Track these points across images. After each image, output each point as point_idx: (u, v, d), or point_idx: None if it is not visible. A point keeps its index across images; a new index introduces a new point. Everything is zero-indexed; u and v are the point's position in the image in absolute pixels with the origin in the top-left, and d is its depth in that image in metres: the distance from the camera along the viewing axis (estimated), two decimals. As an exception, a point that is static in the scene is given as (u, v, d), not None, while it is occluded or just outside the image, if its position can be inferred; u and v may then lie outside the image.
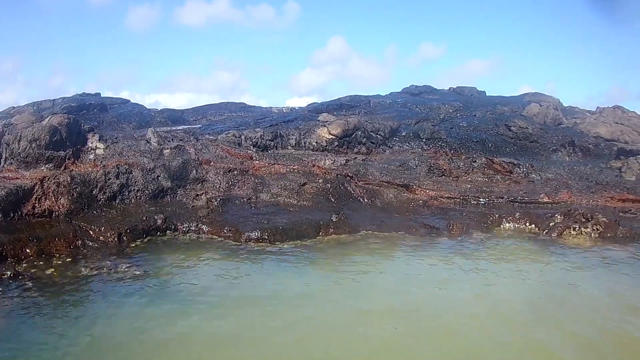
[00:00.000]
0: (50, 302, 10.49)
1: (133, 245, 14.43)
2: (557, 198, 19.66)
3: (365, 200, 19.17)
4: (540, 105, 29.95)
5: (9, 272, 11.47)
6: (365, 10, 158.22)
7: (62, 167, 16.64)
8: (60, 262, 12.74)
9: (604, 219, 16.93)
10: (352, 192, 19.29)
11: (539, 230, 17.11)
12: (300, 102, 33.17)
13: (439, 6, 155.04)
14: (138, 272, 12.27)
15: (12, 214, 14.21)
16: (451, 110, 29.50)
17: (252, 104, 34.37)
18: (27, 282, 11.35)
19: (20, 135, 16.68)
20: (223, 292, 11.42)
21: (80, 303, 10.62)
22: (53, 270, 12.19)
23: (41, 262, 12.55)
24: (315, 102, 31.31)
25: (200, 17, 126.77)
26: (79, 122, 18.59)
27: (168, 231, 15.63)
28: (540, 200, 19.45)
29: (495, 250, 14.97)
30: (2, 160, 16.77)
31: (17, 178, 15.46)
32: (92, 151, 18.06)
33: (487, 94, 34.67)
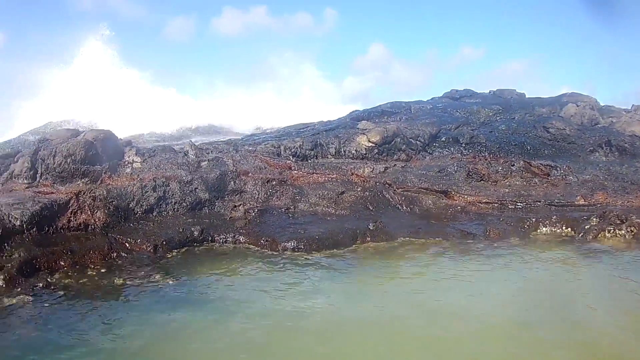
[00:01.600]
0: (81, 311, 10.41)
1: (169, 256, 14.29)
2: (593, 200, 19.01)
3: (404, 207, 18.75)
4: (577, 106, 29.19)
5: (41, 283, 11.46)
6: (403, 15, 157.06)
7: (99, 182, 16.66)
8: (94, 273, 12.65)
9: (638, 220, 16.36)
10: (391, 199, 18.92)
11: (574, 233, 16.62)
12: (344, 109, 33.06)
13: (477, 7, 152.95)
14: (172, 282, 12.14)
15: (46, 228, 14.18)
16: (491, 114, 28.94)
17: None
18: (59, 292, 11.32)
19: (55, 151, 16.77)
20: (256, 300, 11.23)
21: (112, 311, 10.51)
22: (86, 280, 12.14)
23: (75, 274, 12.48)
24: (357, 110, 31.03)
25: (238, 26, 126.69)
26: (115, 136, 18.64)
27: (205, 242, 15.45)
28: (576, 202, 18.85)
29: (530, 255, 14.60)
30: (38, 175, 16.86)
31: (52, 193, 15.51)
32: (129, 165, 18.06)
33: (526, 96, 34.06)
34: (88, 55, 37.23)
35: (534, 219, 17.37)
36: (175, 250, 14.68)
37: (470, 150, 23.78)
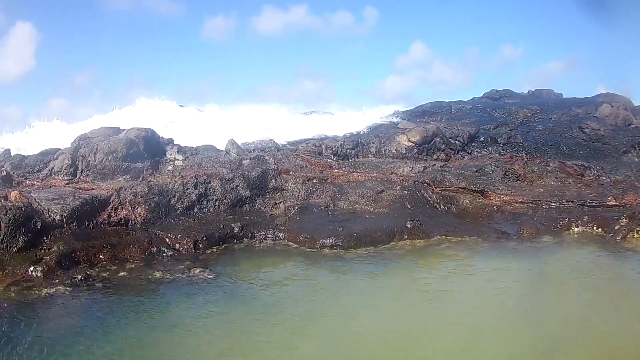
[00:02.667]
0: (118, 302, 10.54)
1: (209, 252, 14.28)
2: (624, 200, 18.50)
3: (441, 206, 18.48)
4: (612, 106, 28.56)
5: (80, 276, 11.54)
6: (443, 13, 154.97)
7: (140, 178, 16.76)
8: (133, 266, 12.73)
9: (667, 220, 15.96)
10: (429, 198, 18.65)
11: (605, 233, 16.23)
12: (386, 109, 32.96)
13: (515, 6, 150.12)
14: (210, 276, 12.14)
15: (87, 223, 14.29)
16: (529, 114, 28.63)
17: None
18: (98, 284, 11.45)
19: (97, 148, 16.98)
20: (293, 297, 11.25)
21: (149, 304, 10.64)
22: (125, 274, 12.22)
23: (114, 267, 12.57)
24: (398, 110, 31.01)
25: (278, 25, 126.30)
26: (158, 134, 18.76)
27: (245, 239, 15.40)
28: (608, 203, 18.37)
29: (561, 254, 14.54)
30: (78, 172, 17.05)
31: (93, 189, 15.67)
32: (170, 162, 18.18)
33: (563, 96, 33.79)
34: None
35: (566, 219, 17.09)
36: (215, 247, 14.67)
37: (507, 150, 23.69)
